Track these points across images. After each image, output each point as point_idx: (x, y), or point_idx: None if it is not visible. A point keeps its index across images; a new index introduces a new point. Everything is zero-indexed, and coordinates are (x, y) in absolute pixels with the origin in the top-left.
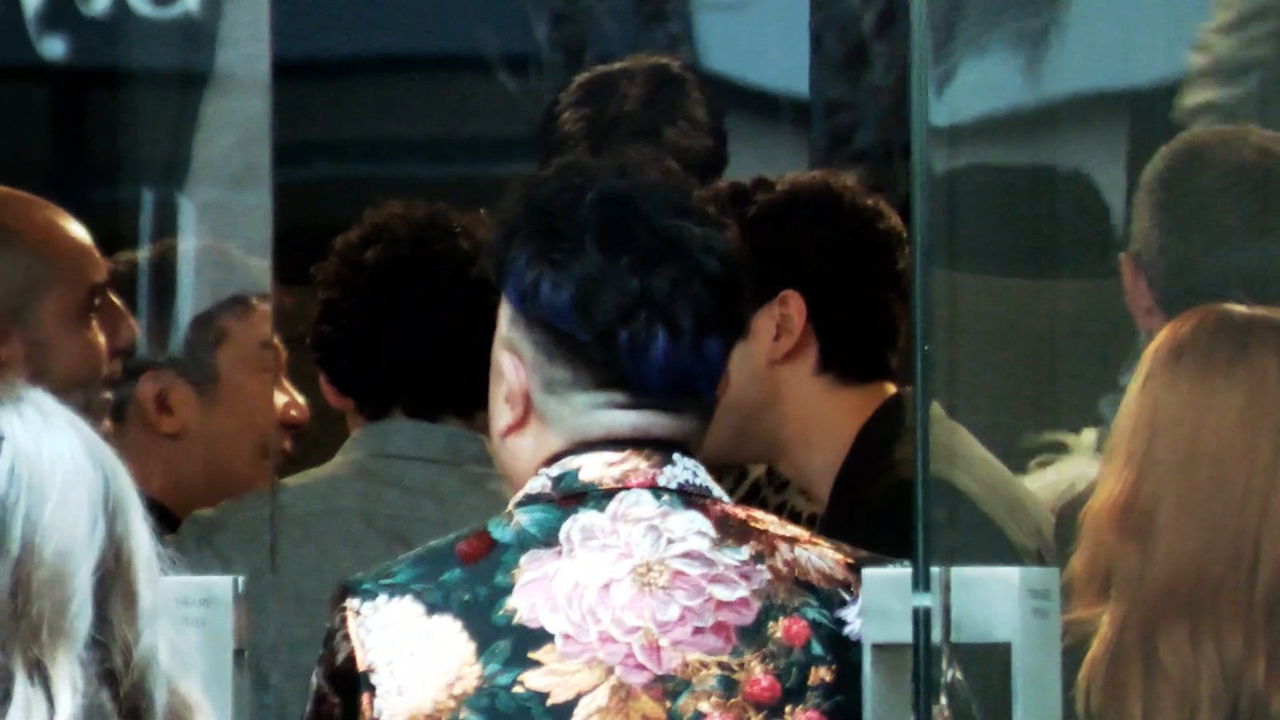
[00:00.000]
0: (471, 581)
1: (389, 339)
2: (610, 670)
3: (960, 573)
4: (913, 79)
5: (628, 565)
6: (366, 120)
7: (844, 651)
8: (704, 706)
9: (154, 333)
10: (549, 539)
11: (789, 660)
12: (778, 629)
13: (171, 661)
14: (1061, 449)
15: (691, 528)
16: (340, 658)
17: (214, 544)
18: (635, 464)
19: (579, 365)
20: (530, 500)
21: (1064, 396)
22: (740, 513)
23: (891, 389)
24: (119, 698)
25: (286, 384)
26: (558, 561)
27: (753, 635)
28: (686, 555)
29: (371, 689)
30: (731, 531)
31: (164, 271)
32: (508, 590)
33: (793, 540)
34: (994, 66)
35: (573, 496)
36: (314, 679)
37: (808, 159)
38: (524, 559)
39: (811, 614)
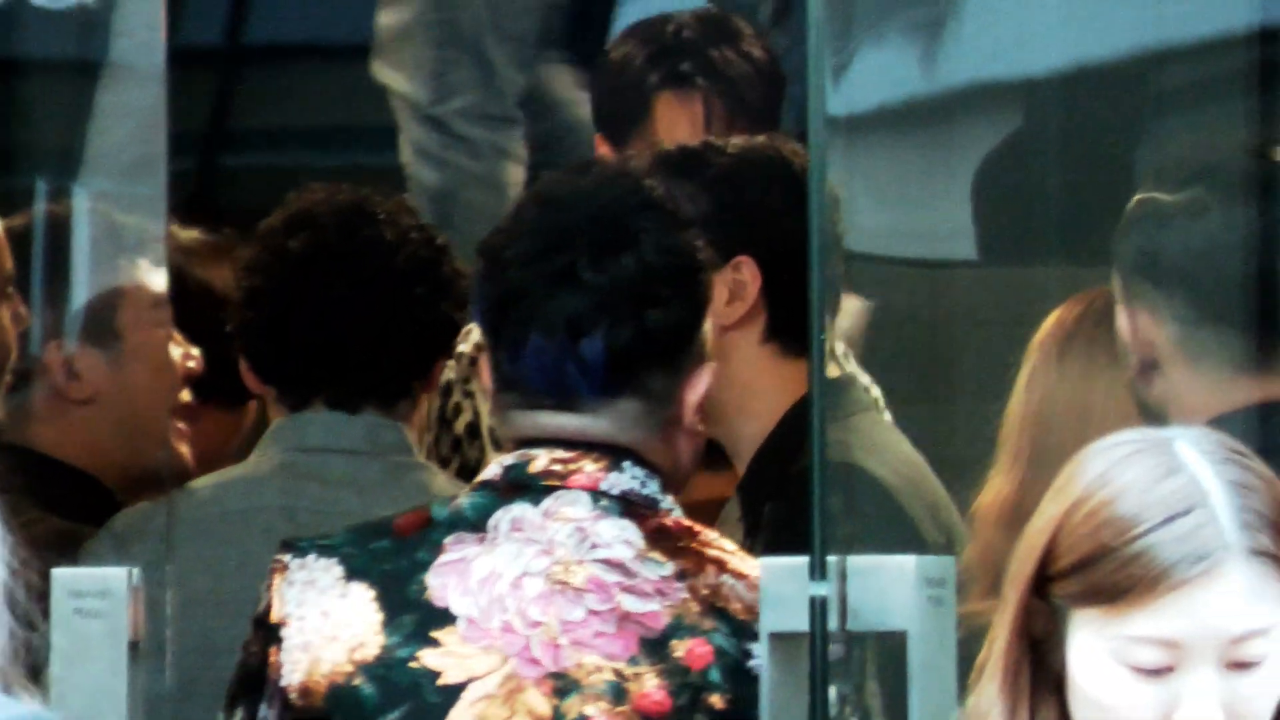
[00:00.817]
0: (396, 553)
1: (312, 327)
2: (505, 659)
3: (857, 561)
4: (809, 68)
5: (545, 562)
6: (262, 109)
7: (743, 683)
8: (590, 710)
9: (52, 303)
10: (479, 524)
11: (685, 680)
12: (681, 648)
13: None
14: None
15: (620, 536)
16: (261, 607)
17: (131, 553)
18: (582, 465)
19: (494, 367)
20: (480, 485)
21: (961, 384)
22: (680, 529)
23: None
24: None
25: (179, 337)
26: (480, 547)
27: (654, 649)
28: (606, 562)
29: (279, 641)
30: (661, 546)
31: (59, 255)
32: (426, 567)
33: (723, 566)
34: (890, 57)
35: (515, 487)
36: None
37: None
38: (449, 539)
39: (719, 640)
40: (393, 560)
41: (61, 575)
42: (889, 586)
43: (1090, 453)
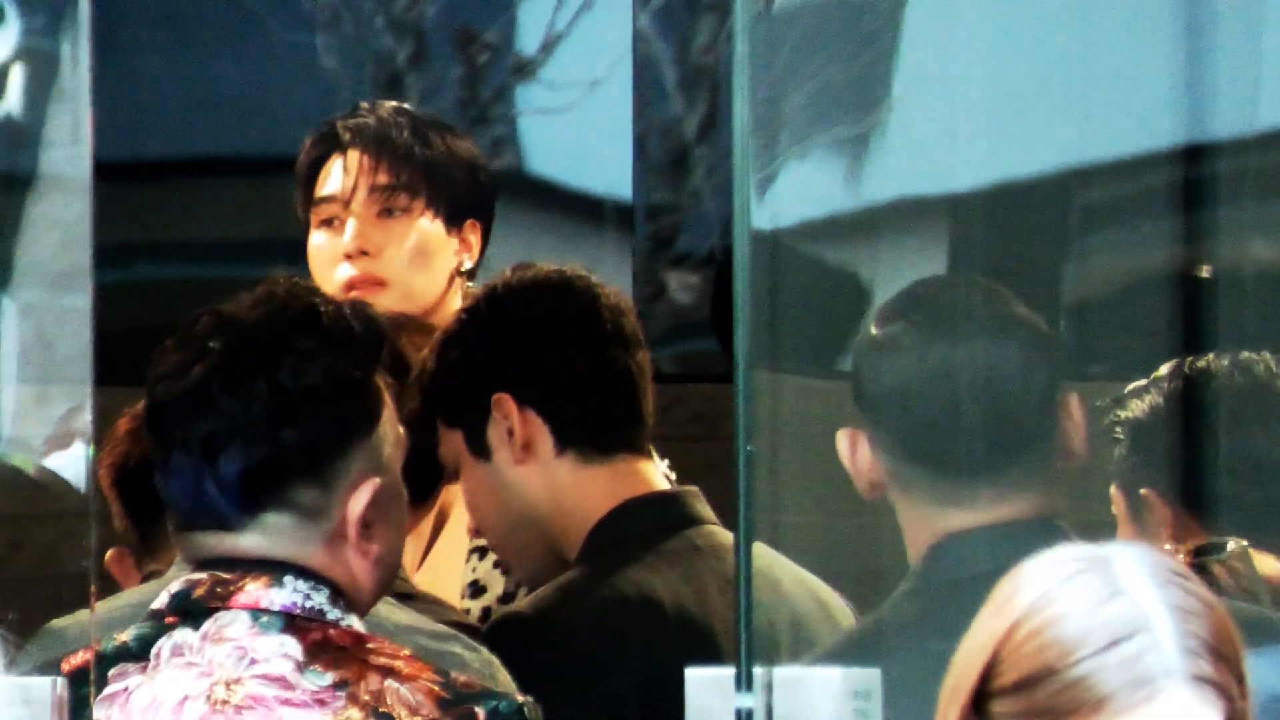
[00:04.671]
0: (68, 691)
1: None
2: None
3: (783, 673)
4: (735, 182)
5: (205, 684)
6: (188, 222)
7: None
8: None
9: None
10: (142, 654)
11: None
12: None
13: None
14: None
15: (279, 650)
16: None
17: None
18: (244, 584)
19: (161, 490)
20: (150, 615)
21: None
22: (346, 639)
23: (642, 464)
24: None
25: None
26: (141, 676)
27: None
28: (264, 677)
29: None
30: (322, 657)
31: None
32: (88, 703)
33: (390, 671)
34: (815, 171)
35: (179, 613)
36: None
37: (631, 262)
38: (113, 672)
39: None
40: (66, 698)
41: None
42: (815, 699)
43: (1031, 570)
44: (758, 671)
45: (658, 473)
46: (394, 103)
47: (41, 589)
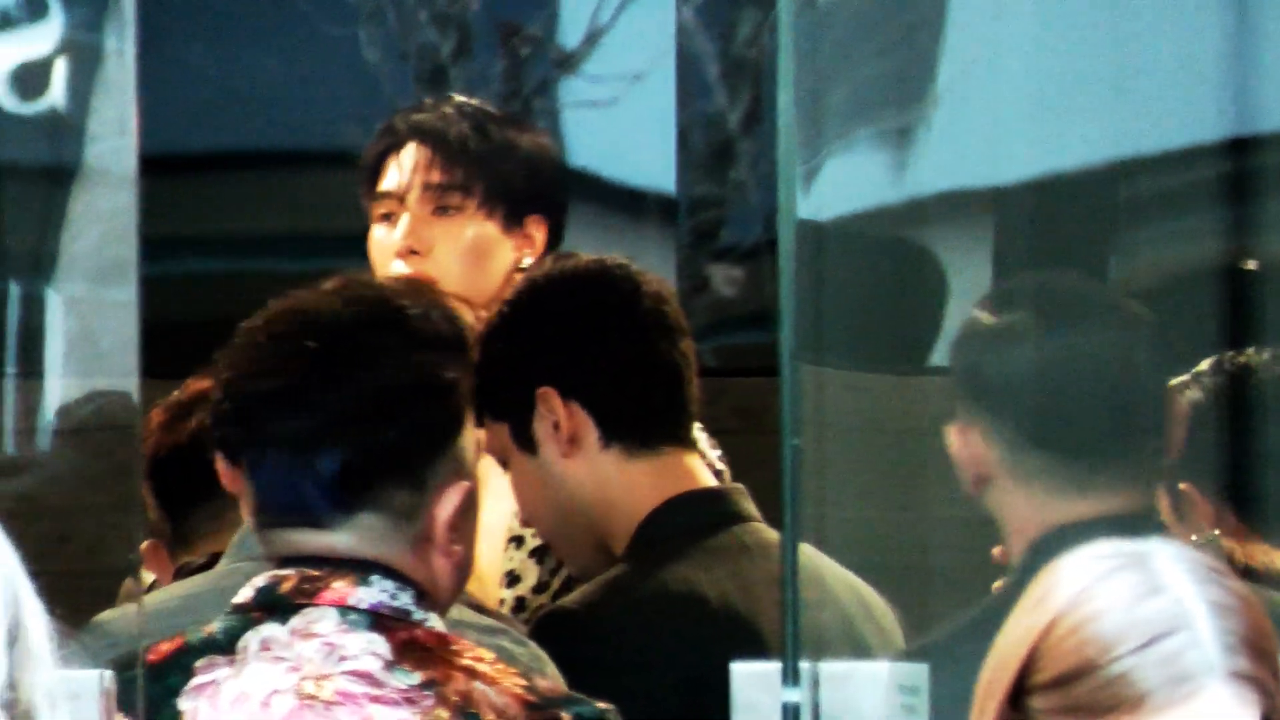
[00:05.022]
0: (150, 681)
1: None
2: None
3: (830, 668)
4: (779, 175)
5: (295, 678)
6: (233, 215)
7: None
8: None
9: (25, 408)
10: (229, 646)
11: None
12: None
13: None
14: None
15: (367, 648)
16: None
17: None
18: (330, 582)
19: (246, 486)
20: (235, 609)
21: (930, 491)
22: (432, 639)
23: (688, 458)
24: None
25: None
26: (230, 669)
27: None
28: (354, 674)
29: None
30: (410, 656)
31: (32, 366)
32: (176, 693)
33: (474, 673)
34: (860, 163)
35: (265, 608)
36: None
37: (675, 255)
38: (200, 663)
39: None
40: (149, 686)
41: None
42: (862, 693)
43: (1069, 566)
44: (804, 666)
45: (703, 466)
46: (461, 98)
47: (88, 582)
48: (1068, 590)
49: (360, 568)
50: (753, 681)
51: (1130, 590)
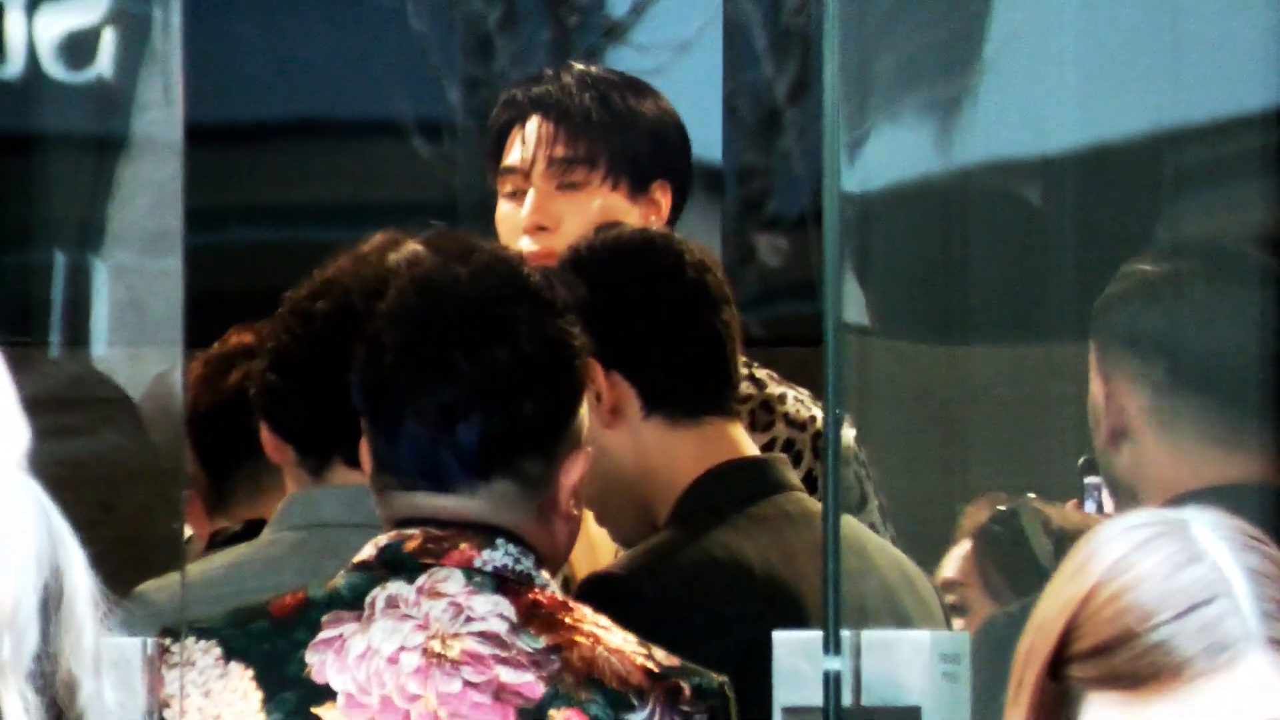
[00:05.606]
0: (274, 634)
1: (333, 385)
2: None
3: (871, 636)
4: (825, 146)
5: (421, 636)
6: (279, 185)
7: None
8: None
9: (68, 398)
10: (355, 603)
11: None
12: (558, 717)
13: (119, 716)
14: None
15: (494, 610)
16: None
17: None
18: (457, 543)
19: (372, 448)
20: (356, 566)
21: (974, 462)
22: (554, 604)
23: (731, 427)
24: None
25: None
26: (357, 625)
27: (531, 719)
28: (481, 635)
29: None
30: (535, 620)
31: (78, 335)
32: (304, 645)
33: (597, 640)
34: (906, 134)
35: (390, 566)
36: None
37: (721, 225)
38: (326, 618)
39: (595, 710)
40: (271, 640)
41: None
42: (903, 662)
43: (1106, 535)
44: (846, 634)
45: (745, 435)
46: (581, 66)
47: (133, 551)
48: (1106, 559)
49: (485, 531)
50: (794, 650)
51: (1168, 558)
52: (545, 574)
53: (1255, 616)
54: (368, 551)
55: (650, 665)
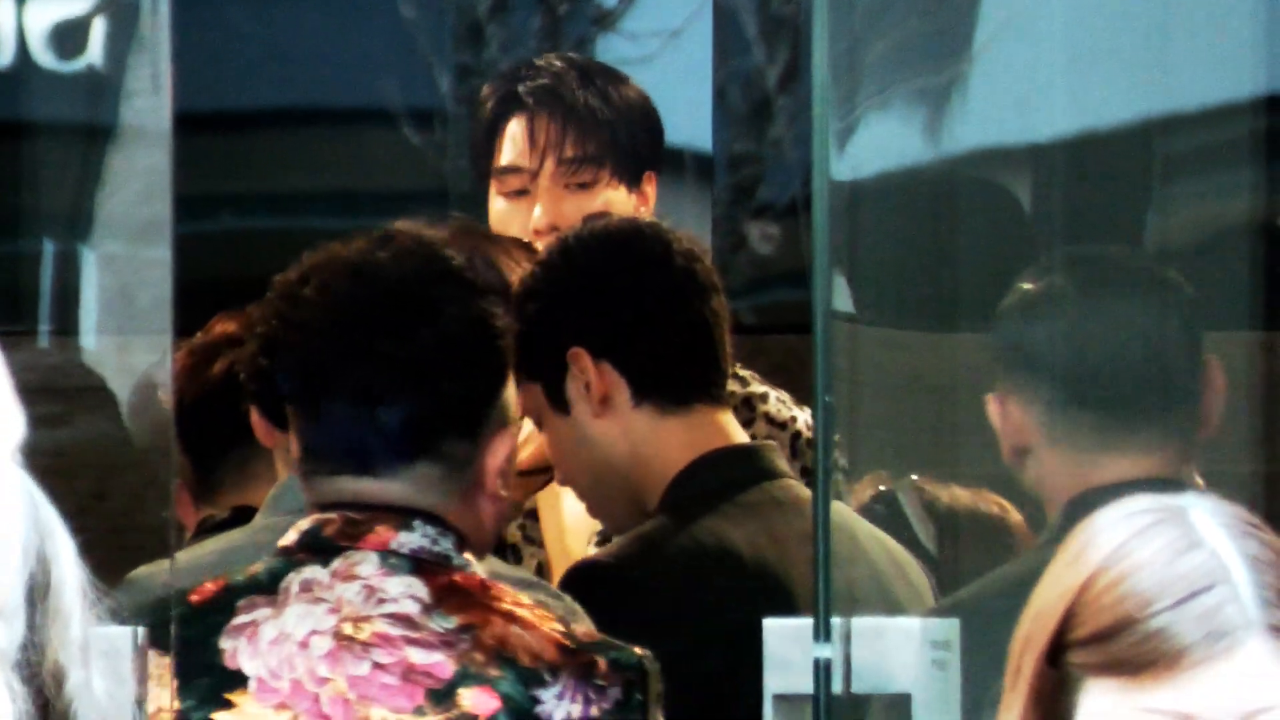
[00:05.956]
0: (192, 620)
1: None
2: (296, 717)
3: (861, 623)
4: (814, 134)
5: (333, 620)
6: (269, 173)
7: None
8: None
9: (57, 386)
10: (271, 587)
11: None
12: (468, 697)
13: (107, 705)
14: None
15: (406, 591)
16: None
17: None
18: (373, 526)
19: (298, 433)
20: (279, 551)
21: (964, 448)
22: (472, 585)
23: (720, 415)
24: None
25: None
26: (271, 610)
27: (441, 699)
28: (392, 616)
29: None
30: (449, 601)
31: (67, 324)
32: (218, 631)
33: (512, 617)
34: (896, 122)
35: (308, 550)
36: None
37: (711, 213)
38: (242, 603)
39: (505, 687)
40: (188, 627)
41: None
42: (893, 649)
43: (1105, 522)
44: (836, 622)
45: (735, 422)
46: (566, 56)
47: (124, 539)
48: (1105, 546)
49: (404, 513)
50: (784, 637)
51: (1168, 545)
52: (468, 556)
53: (1255, 604)
54: (290, 536)
55: (566, 641)
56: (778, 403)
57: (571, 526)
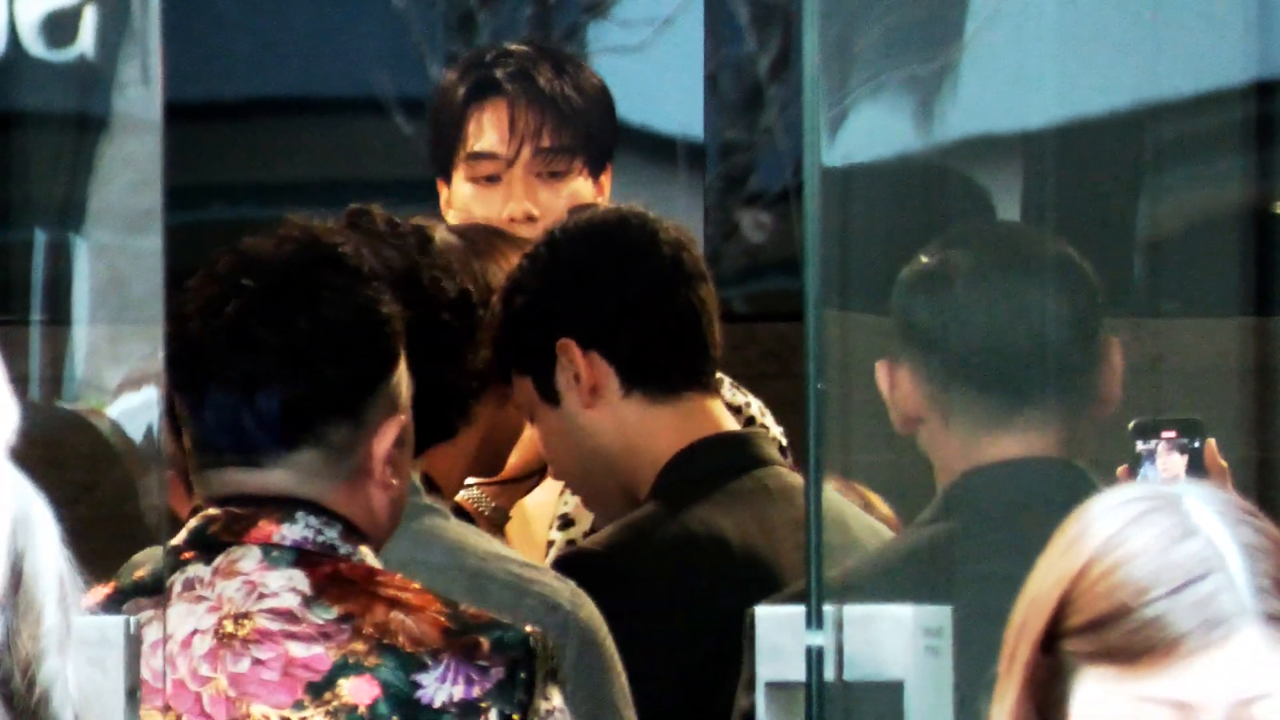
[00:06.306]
0: (138, 629)
1: None
2: (179, 718)
3: (853, 610)
4: (806, 121)
5: (214, 618)
6: (260, 163)
7: (413, 713)
8: None
9: (52, 356)
10: (156, 589)
11: (351, 718)
12: (346, 687)
13: (80, 696)
14: None
15: (287, 584)
16: None
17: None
18: (256, 521)
19: (186, 427)
20: (168, 552)
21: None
22: (357, 573)
23: (710, 403)
24: None
25: None
26: (153, 611)
27: (320, 691)
28: (273, 611)
29: None
30: (330, 591)
31: (58, 314)
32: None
33: (395, 603)
34: (888, 109)
35: (195, 548)
36: None
37: (703, 201)
38: (126, 607)
39: (385, 675)
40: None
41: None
42: (885, 636)
43: (1100, 510)
44: (828, 609)
45: (725, 411)
46: (530, 41)
47: (114, 529)
48: (1100, 534)
49: (287, 505)
50: (776, 625)
51: (1163, 533)
52: (359, 545)
53: (1249, 592)
54: (180, 536)
55: (449, 624)
56: (731, 388)
57: (532, 514)
